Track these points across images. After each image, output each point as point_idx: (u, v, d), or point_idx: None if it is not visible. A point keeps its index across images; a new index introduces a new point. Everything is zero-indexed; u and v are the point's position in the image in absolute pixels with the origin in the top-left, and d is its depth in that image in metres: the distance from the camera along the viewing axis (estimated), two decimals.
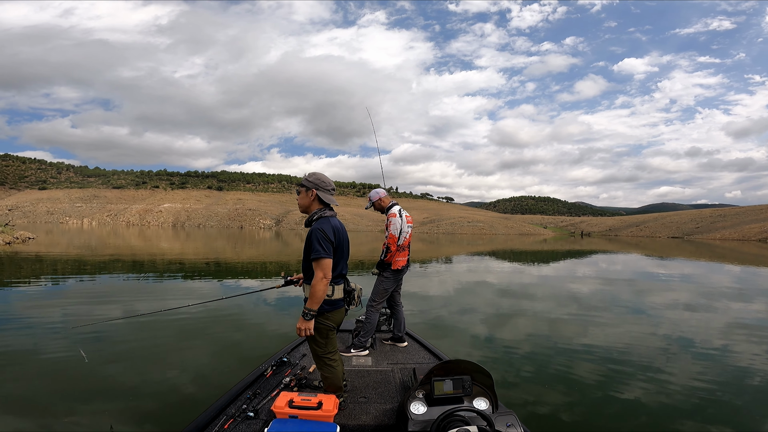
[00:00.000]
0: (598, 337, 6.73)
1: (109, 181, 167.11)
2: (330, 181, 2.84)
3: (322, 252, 2.58)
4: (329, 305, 2.74)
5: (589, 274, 17.13)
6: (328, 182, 2.83)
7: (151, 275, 13.46)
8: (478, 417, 2.21)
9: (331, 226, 2.69)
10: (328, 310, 2.75)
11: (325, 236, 2.61)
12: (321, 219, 2.73)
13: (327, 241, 2.61)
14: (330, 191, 2.81)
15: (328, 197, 2.79)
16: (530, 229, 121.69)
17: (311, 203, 2.79)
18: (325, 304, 2.70)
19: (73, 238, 35.17)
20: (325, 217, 2.75)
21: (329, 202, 2.80)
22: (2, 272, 13.45)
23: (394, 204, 4.25)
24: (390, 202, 4.27)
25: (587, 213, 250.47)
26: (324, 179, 2.82)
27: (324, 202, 2.80)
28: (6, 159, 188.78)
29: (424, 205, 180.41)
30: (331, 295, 2.74)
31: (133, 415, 3.58)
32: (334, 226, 2.72)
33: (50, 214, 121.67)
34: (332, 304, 2.76)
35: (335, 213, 2.85)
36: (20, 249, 19.89)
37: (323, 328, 2.76)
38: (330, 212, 2.80)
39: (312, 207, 2.80)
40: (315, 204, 2.80)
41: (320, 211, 2.78)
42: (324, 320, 2.75)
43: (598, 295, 11.20)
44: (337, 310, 2.81)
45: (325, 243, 2.60)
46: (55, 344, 5.54)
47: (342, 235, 2.77)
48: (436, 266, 18.55)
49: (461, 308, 8.92)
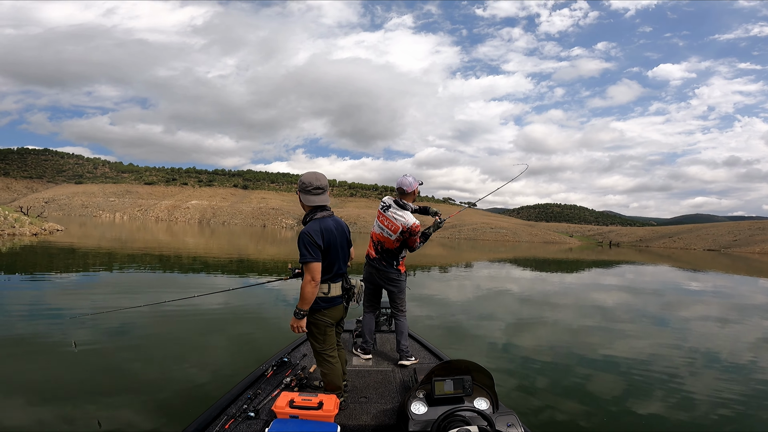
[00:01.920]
0: (619, 347, 6.49)
1: (142, 178, 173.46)
2: (312, 180, 2.74)
3: (308, 256, 2.60)
4: (326, 302, 2.78)
5: (614, 284, 16.56)
6: (309, 182, 2.74)
7: (175, 269, 13.74)
8: (479, 417, 2.20)
9: (320, 229, 2.67)
10: (325, 307, 2.78)
11: (311, 240, 2.61)
12: (311, 221, 2.72)
13: (313, 245, 2.61)
14: (310, 191, 2.74)
15: (308, 198, 2.74)
16: (555, 238, 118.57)
17: (304, 206, 2.80)
18: (321, 301, 2.75)
19: (100, 231, 36.62)
20: (315, 219, 2.73)
21: (308, 203, 2.75)
22: (17, 260, 14.01)
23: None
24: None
25: (616, 222, 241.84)
26: (305, 179, 2.76)
27: (315, 204, 2.76)
28: (45, 153, 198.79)
29: (446, 209, 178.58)
30: (327, 293, 2.77)
31: (147, 406, 3.66)
32: (325, 227, 2.70)
33: (85, 208, 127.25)
34: (329, 301, 2.79)
35: (330, 212, 2.81)
36: (46, 240, 20.63)
37: (320, 324, 2.79)
38: (323, 213, 2.76)
39: (306, 209, 2.80)
40: (307, 206, 2.79)
41: (312, 213, 2.77)
42: (321, 317, 2.78)
43: (623, 306, 10.81)
44: (334, 306, 2.83)
45: (311, 247, 2.61)
46: (53, 330, 5.65)
47: (334, 235, 2.74)
48: (456, 272, 18.30)
49: (480, 314, 8.77)
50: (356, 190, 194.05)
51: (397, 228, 3.64)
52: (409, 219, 3.65)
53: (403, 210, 3.70)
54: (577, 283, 16.25)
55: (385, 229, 3.72)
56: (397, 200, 3.76)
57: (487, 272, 18.63)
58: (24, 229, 22.01)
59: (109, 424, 3.42)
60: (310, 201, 2.75)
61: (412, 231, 3.62)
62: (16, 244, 17.39)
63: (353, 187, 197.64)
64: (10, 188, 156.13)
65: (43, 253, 15.96)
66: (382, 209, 3.80)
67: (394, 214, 3.68)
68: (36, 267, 11.97)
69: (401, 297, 3.85)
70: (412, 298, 10.15)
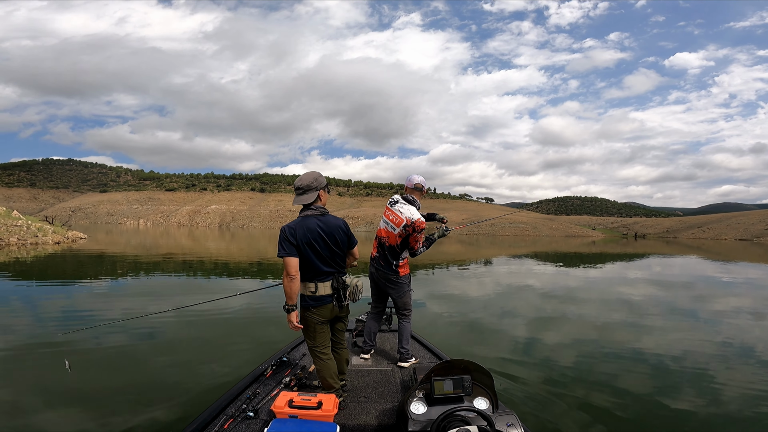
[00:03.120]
0: (647, 343, 6.27)
1: (163, 184, 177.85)
2: (296, 181, 2.87)
3: (281, 251, 2.72)
4: (314, 300, 2.83)
5: (641, 278, 15.95)
6: (294, 183, 2.89)
7: (198, 273, 13.87)
8: (479, 417, 2.20)
9: (297, 225, 2.78)
10: (313, 305, 2.84)
11: (284, 236, 2.74)
12: (295, 219, 2.86)
13: (285, 240, 2.72)
14: (295, 192, 2.86)
15: (294, 198, 2.87)
16: (577, 231, 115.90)
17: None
18: (309, 300, 2.83)
19: (124, 239, 37.53)
20: (298, 217, 2.86)
21: (294, 203, 2.88)
22: (35, 268, 14.36)
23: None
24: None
25: (640, 213, 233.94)
26: (296, 182, 2.90)
27: (304, 205, 2.86)
28: (70, 164, 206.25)
29: (462, 206, 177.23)
30: (315, 292, 2.82)
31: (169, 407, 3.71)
32: (305, 226, 2.78)
33: (110, 215, 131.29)
34: (317, 299, 2.84)
35: (318, 212, 2.85)
36: (68, 248, 21.14)
37: (310, 322, 2.86)
38: (307, 212, 2.84)
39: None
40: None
41: (301, 212, 2.88)
42: (309, 315, 2.85)
43: (651, 300, 10.39)
44: (323, 305, 2.85)
45: (284, 242, 2.72)
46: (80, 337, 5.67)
47: (312, 233, 2.77)
48: (475, 268, 18.01)
49: (500, 311, 8.56)
50: (372, 189, 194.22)
51: (401, 221, 3.55)
52: (415, 214, 3.55)
53: (410, 205, 3.63)
54: (601, 278, 15.75)
55: (390, 223, 3.65)
56: (405, 196, 3.71)
57: (506, 268, 18.23)
58: (47, 238, 22.57)
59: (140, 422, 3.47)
60: (295, 201, 2.89)
61: (415, 226, 3.50)
62: (39, 253, 17.86)
63: (369, 187, 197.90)
64: (38, 198, 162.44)
65: (63, 261, 16.37)
66: (389, 204, 3.74)
67: (401, 208, 3.62)
68: (50, 274, 12.25)
69: (402, 300, 3.73)
70: (431, 296, 10.22)
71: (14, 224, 22.78)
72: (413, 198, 3.69)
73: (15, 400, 3.87)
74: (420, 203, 3.71)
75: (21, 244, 20.33)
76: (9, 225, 22.27)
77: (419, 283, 12.86)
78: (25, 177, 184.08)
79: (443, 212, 4.13)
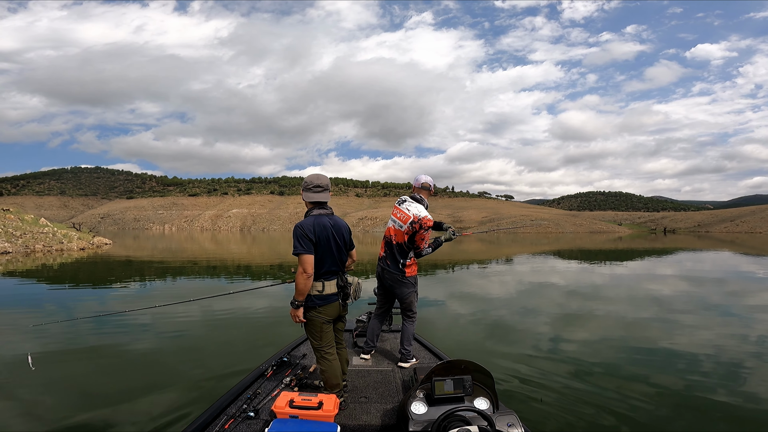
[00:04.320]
0: (678, 340, 6.03)
1: (186, 190, 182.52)
2: (314, 179, 2.88)
3: (299, 248, 2.69)
4: (321, 300, 2.83)
5: (671, 273, 15.33)
6: (310, 181, 2.88)
7: (222, 275, 14.01)
8: (479, 417, 2.19)
9: (313, 223, 2.76)
10: (320, 304, 2.83)
11: (302, 233, 2.71)
12: (307, 218, 2.84)
13: (304, 237, 2.70)
14: (311, 188, 2.86)
15: (309, 195, 2.87)
16: (602, 227, 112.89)
17: (306, 203, 2.93)
18: (316, 299, 2.81)
19: (150, 243, 38.50)
20: (311, 215, 2.84)
21: (308, 199, 2.88)
22: (48, 273, 14.75)
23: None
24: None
25: (668, 208, 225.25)
26: (307, 179, 2.90)
27: (313, 202, 2.88)
28: (97, 171, 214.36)
29: (481, 203, 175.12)
30: (322, 291, 2.82)
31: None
32: (319, 223, 2.78)
33: (137, 221, 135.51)
34: (324, 299, 2.83)
35: (329, 211, 2.90)
36: (93, 254, 21.68)
37: (316, 321, 2.85)
38: (320, 210, 2.86)
39: (307, 206, 2.92)
40: (309, 204, 2.91)
41: (310, 210, 2.88)
42: (317, 314, 2.83)
43: (681, 297, 9.97)
44: (329, 304, 2.86)
45: (302, 240, 2.70)
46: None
47: (327, 231, 2.80)
48: (496, 266, 17.66)
49: (522, 310, 8.34)
50: (389, 189, 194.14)
51: (408, 218, 3.57)
52: (422, 211, 3.57)
53: (418, 203, 3.66)
54: (629, 274, 15.21)
55: (397, 221, 3.66)
56: (413, 195, 3.76)
57: (529, 266, 17.79)
58: (72, 244, 23.18)
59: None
60: (310, 198, 2.87)
61: (422, 223, 3.50)
62: (64, 259, 18.39)
63: (386, 187, 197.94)
64: (68, 206, 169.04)
65: (79, 266, 16.82)
66: (397, 204, 3.77)
67: (408, 206, 3.64)
68: (61, 278, 12.56)
69: (408, 300, 3.70)
70: (453, 295, 10.15)
71: (41, 231, 23.58)
72: (421, 197, 3.72)
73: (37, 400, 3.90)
74: (428, 202, 3.74)
75: (47, 251, 21.00)
76: (35, 232, 23.05)
77: (439, 282, 12.68)
78: (55, 185, 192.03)
79: (462, 211, 4.07)
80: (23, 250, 20.31)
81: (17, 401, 3.93)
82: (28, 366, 3.20)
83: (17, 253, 19.62)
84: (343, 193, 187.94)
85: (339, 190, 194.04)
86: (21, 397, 4.01)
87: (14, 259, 17.29)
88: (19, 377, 4.42)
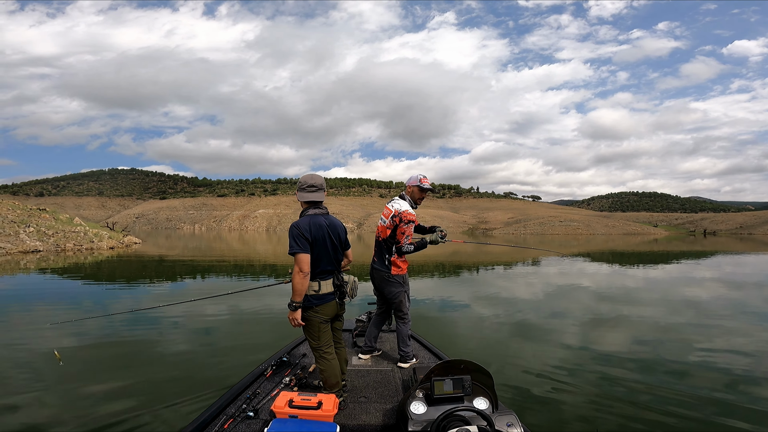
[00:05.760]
0: (718, 345, 5.90)
1: (215, 190, 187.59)
2: (308, 179, 2.90)
3: (295, 247, 2.70)
4: (317, 299, 2.83)
5: (710, 276, 14.48)
6: (304, 181, 2.91)
7: (248, 274, 13.84)
8: (478, 417, 2.20)
9: (309, 223, 2.78)
10: (317, 304, 2.83)
11: (298, 232, 2.72)
12: (302, 217, 2.84)
13: (300, 236, 2.71)
14: (305, 189, 2.88)
15: (303, 195, 2.90)
16: (637, 228, 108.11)
17: (301, 203, 2.95)
18: (313, 299, 2.81)
19: (181, 243, 39.35)
20: (307, 215, 2.84)
21: (302, 199, 2.90)
22: (70, 270, 14.86)
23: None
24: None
25: (707, 209, 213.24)
26: (302, 179, 2.92)
27: (308, 201, 2.89)
28: (133, 173, 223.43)
29: (507, 204, 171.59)
30: (318, 290, 2.82)
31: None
32: (315, 222, 2.80)
33: (169, 221, 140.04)
34: (320, 298, 2.84)
35: (324, 211, 2.91)
36: (120, 252, 22.20)
37: (314, 321, 2.84)
38: (315, 210, 2.87)
39: (302, 206, 2.94)
40: (304, 204, 2.93)
41: (305, 210, 2.89)
42: (313, 314, 2.83)
43: (719, 301, 9.66)
44: (326, 303, 2.86)
45: (298, 239, 2.70)
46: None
47: (323, 231, 2.81)
48: (522, 268, 17.01)
49: (549, 312, 8.17)
50: None
51: (389, 213, 3.67)
52: (404, 206, 3.64)
53: (402, 200, 3.73)
54: (665, 278, 14.36)
55: (383, 217, 3.76)
56: (402, 194, 3.82)
57: (557, 268, 16.98)
58: (102, 243, 23.85)
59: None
60: (305, 197, 2.90)
61: (402, 216, 3.56)
62: (93, 257, 18.85)
63: None
64: (105, 206, 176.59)
65: (109, 265, 17.03)
66: (387, 203, 3.85)
67: (393, 204, 3.74)
68: (83, 275, 12.58)
69: (396, 300, 3.68)
70: (477, 296, 9.87)
71: (72, 230, 24.32)
72: (405, 194, 3.79)
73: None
74: (412, 198, 3.77)
75: (77, 249, 21.60)
76: (67, 231, 23.77)
77: (463, 284, 12.53)
78: (94, 186, 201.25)
79: (487, 212, 3.72)
80: (54, 248, 20.90)
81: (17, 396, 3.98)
82: (56, 361, 3.30)
83: (48, 251, 20.18)
84: (367, 194, 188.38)
85: (363, 190, 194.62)
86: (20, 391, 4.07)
87: (43, 258, 17.76)
88: (21, 374, 4.39)
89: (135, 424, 3.38)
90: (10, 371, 4.67)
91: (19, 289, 10.45)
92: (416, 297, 9.71)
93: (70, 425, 3.42)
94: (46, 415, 3.62)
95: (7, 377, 4.49)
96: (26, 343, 5.71)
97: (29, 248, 19.53)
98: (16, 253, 18.39)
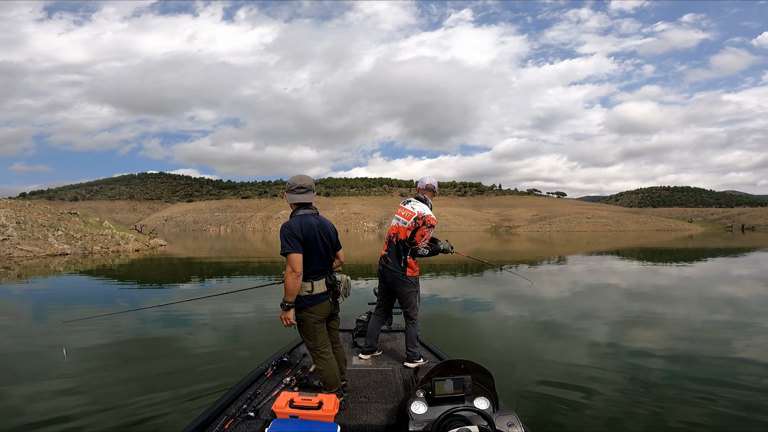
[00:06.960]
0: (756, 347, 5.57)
1: (239, 193, 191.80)
2: (297, 180, 2.89)
3: (287, 247, 2.69)
4: (311, 299, 2.82)
5: (747, 274, 13.67)
6: (293, 182, 2.90)
7: (264, 274, 13.89)
8: (479, 416, 2.20)
9: (300, 223, 2.78)
10: (311, 304, 2.83)
11: (290, 233, 2.72)
12: (293, 218, 2.84)
13: (292, 237, 2.71)
14: (294, 190, 2.88)
15: (292, 197, 2.90)
16: (670, 224, 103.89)
17: (290, 204, 2.95)
18: (307, 299, 2.81)
19: (207, 245, 40.15)
20: (297, 215, 2.85)
21: (291, 201, 2.91)
22: (91, 271, 15.16)
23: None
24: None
25: (743, 203, 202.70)
26: (291, 180, 2.92)
27: (298, 203, 2.89)
28: (161, 177, 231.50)
29: (531, 201, 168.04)
30: (312, 291, 2.82)
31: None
32: (306, 222, 2.80)
33: (196, 223, 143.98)
34: (314, 298, 2.83)
35: (314, 211, 2.91)
36: (145, 255, 22.63)
37: (308, 321, 2.84)
38: (305, 211, 2.87)
39: (292, 207, 2.94)
40: (293, 206, 2.93)
41: (295, 211, 2.89)
42: (307, 314, 2.83)
43: (758, 299, 9.24)
44: (320, 303, 2.86)
45: (290, 239, 2.71)
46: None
47: (314, 231, 2.81)
48: (548, 267, 16.52)
49: (576, 312, 7.88)
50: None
51: (411, 215, 3.65)
52: (426, 210, 3.65)
53: (422, 203, 3.74)
54: (700, 276, 13.63)
55: (401, 218, 3.73)
56: (418, 196, 3.84)
57: (584, 266, 16.40)
58: (128, 245, 24.44)
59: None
60: (294, 199, 2.89)
61: (426, 220, 3.57)
62: (118, 259, 19.24)
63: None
64: (136, 209, 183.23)
65: (129, 266, 17.40)
66: (402, 204, 3.86)
67: (413, 206, 3.72)
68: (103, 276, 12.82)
69: (407, 300, 3.67)
70: (501, 296, 9.60)
71: (100, 234, 25.08)
72: (425, 197, 3.81)
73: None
74: (432, 203, 3.83)
75: (103, 252, 22.17)
76: (95, 234, 24.50)
77: (486, 282, 12.30)
78: (125, 190, 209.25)
79: (510, 209, 3.56)
80: (81, 251, 21.52)
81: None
82: (63, 357, 3.44)
83: (75, 254, 20.75)
84: (387, 193, 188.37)
85: (384, 190, 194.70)
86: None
87: (71, 260, 18.21)
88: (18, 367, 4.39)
89: (134, 424, 3.35)
90: (9, 360, 4.91)
91: (35, 290, 10.70)
92: (439, 296, 9.45)
93: (68, 423, 3.38)
94: (36, 410, 3.65)
95: (7, 366, 4.69)
96: (37, 340, 5.87)
97: (57, 251, 20.14)
98: (44, 257, 18.95)
